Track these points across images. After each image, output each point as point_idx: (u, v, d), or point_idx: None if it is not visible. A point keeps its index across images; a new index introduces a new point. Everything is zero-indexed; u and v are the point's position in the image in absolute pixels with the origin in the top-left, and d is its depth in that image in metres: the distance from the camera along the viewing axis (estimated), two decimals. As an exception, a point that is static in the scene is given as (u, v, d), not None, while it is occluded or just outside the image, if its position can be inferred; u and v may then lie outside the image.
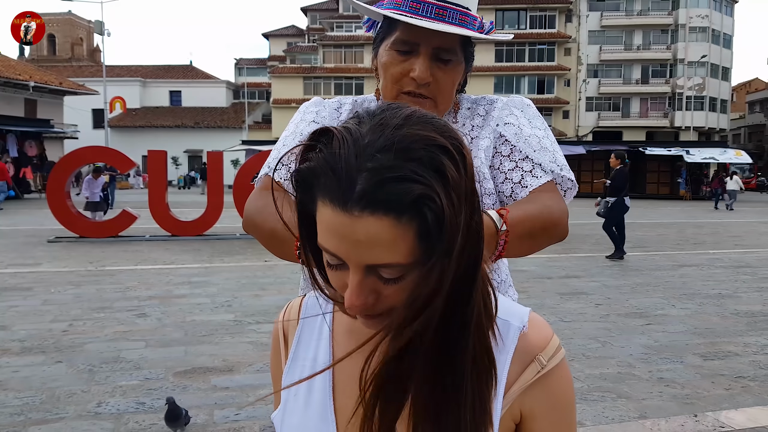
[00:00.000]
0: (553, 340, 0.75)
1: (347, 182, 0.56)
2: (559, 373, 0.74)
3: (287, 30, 56.60)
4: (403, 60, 1.09)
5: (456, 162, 0.58)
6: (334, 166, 0.57)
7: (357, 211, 0.56)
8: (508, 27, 45.25)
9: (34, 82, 28.20)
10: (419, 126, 0.59)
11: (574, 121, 45.53)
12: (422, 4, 1.06)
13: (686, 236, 12.28)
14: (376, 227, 0.56)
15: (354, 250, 0.59)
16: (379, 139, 0.57)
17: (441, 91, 1.11)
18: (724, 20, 46.27)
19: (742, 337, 4.74)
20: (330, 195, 0.58)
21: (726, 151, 29.69)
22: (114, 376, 3.67)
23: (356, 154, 0.57)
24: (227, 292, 6.12)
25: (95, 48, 61.64)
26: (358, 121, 0.61)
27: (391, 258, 0.58)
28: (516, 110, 1.19)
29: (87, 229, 10.43)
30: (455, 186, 0.57)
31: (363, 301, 0.61)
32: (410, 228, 0.57)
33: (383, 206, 0.56)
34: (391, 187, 0.55)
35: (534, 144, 1.14)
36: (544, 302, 5.85)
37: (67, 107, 34.86)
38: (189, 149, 48.20)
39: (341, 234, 0.58)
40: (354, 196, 0.56)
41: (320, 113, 1.24)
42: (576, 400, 2.95)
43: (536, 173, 1.11)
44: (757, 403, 3.39)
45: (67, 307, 5.45)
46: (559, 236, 1.08)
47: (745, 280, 7.28)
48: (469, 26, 1.10)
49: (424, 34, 1.07)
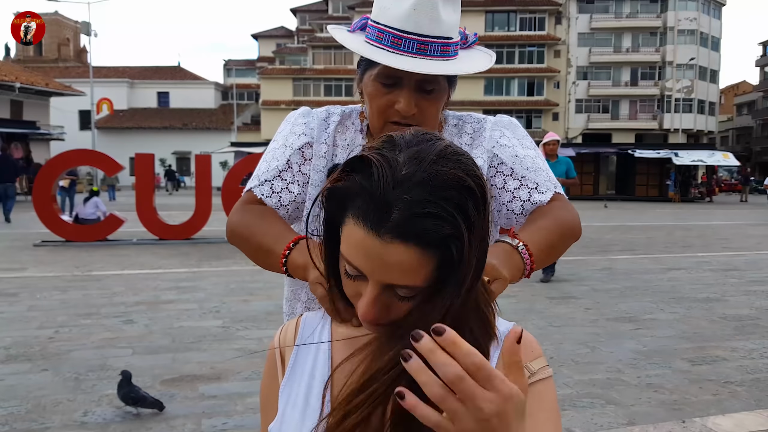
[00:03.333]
0: (541, 359, 0.79)
1: (384, 209, 0.62)
2: (546, 385, 0.77)
3: (276, 31, 56.52)
4: (387, 92, 1.12)
5: (478, 204, 0.64)
6: (373, 191, 0.62)
7: (389, 237, 0.62)
8: (497, 29, 45.48)
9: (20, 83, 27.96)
10: (452, 164, 0.64)
11: (563, 123, 45.77)
12: (404, 40, 1.07)
13: (675, 239, 12.36)
14: (403, 254, 0.62)
15: (378, 269, 0.64)
16: (417, 173, 0.62)
17: (426, 119, 1.14)
18: (712, 23, 46.74)
19: (730, 342, 4.77)
20: (364, 217, 0.63)
21: (714, 154, 29.94)
22: (100, 384, 3.63)
23: (394, 184, 0.62)
24: (215, 298, 6.08)
25: (82, 49, 61.19)
26: (393, 148, 0.65)
27: (410, 281, 0.64)
28: (506, 131, 1.23)
29: (73, 233, 10.33)
30: (476, 228, 0.64)
31: (375, 314, 0.67)
32: (433, 259, 0.63)
33: (414, 238, 0.61)
34: (424, 222, 0.61)
35: (529, 164, 1.19)
36: (534, 306, 5.86)
37: (54, 108, 34.58)
38: (177, 151, 47.96)
39: (370, 254, 0.64)
40: (389, 224, 0.61)
41: (309, 125, 1.24)
42: (565, 407, 2.92)
43: (541, 189, 1.17)
44: (744, 409, 3.40)
45: (54, 313, 5.39)
46: (576, 238, 1.17)
47: (733, 283, 7.33)
48: (451, 55, 1.11)
49: None
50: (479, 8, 45.48)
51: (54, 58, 58.46)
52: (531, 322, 5.22)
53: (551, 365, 4.13)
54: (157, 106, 52.10)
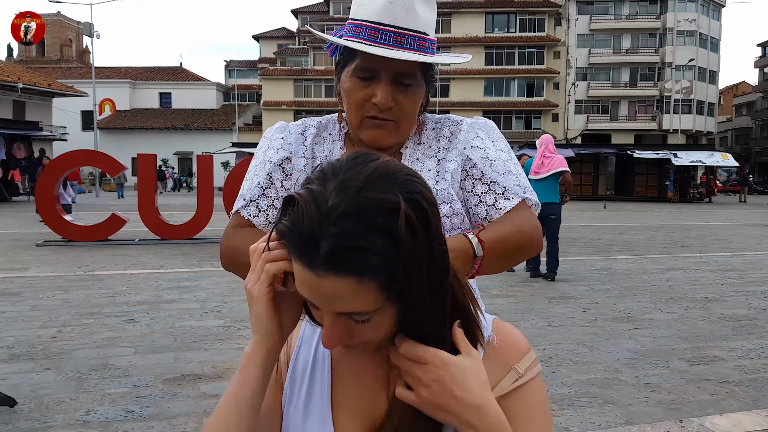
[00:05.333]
0: (530, 353, 0.81)
1: (312, 245, 0.63)
2: (535, 384, 0.80)
3: (278, 32, 56.52)
4: (364, 86, 1.12)
5: (414, 226, 0.64)
6: (301, 228, 0.64)
7: (322, 271, 0.63)
8: (497, 30, 45.52)
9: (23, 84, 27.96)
10: (380, 187, 0.65)
11: (563, 123, 45.81)
12: (380, 32, 1.09)
13: (674, 239, 12.39)
14: (339, 285, 0.64)
15: (323, 300, 0.67)
16: (341, 204, 0.63)
17: (403, 114, 1.14)
18: (711, 24, 46.76)
19: (728, 342, 4.80)
20: (299, 253, 0.65)
21: (713, 154, 29.96)
22: (103, 383, 3.66)
23: (320, 219, 0.63)
24: (217, 297, 6.12)
25: (84, 49, 61.27)
26: (322, 181, 0.66)
27: (357, 308, 0.66)
28: (481, 133, 1.22)
29: (76, 233, 10.36)
30: (411, 248, 0.64)
31: (336, 341, 0.70)
32: (371, 285, 0.64)
33: (345, 269, 0.63)
34: (351, 255, 0.62)
35: (500, 168, 1.18)
36: (533, 306, 5.89)
37: (56, 109, 34.58)
38: (179, 151, 48.01)
39: (312, 288, 0.66)
40: (318, 259, 0.63)
41: (287, 139, 1.24)
42: (563, 406, 2.95)
43: (508, 195, 1.15)
44: (742, 408, 3.43)
45: (56, 312, 5.42)
46: (534, 251, 1.16)
47: (731, 283, 7.36)
48: (427, 50, 1.12)
49: (384, 60, 1.09)
50: (479, 9, 45.52)
51: (56, 59, 58.53)
52: (530, 322, 5.25)
53: (550, 365, 4.15)
54: (159, 107, 52.12)
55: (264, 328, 0.74)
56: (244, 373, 0.74)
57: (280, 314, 0.75)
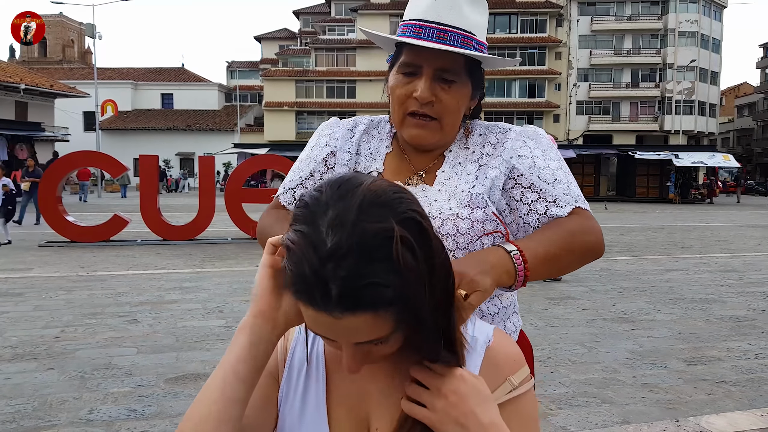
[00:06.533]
0: (524, 368, 0.84)
1: (322, 290, 0.63)
2: (528, 398, 0.83)
3: (279, 33, 56.56)
4: (407, 82, 1.13)
5: (413, 248, 0.66)
6: (304, 277, 0.64)
7: (338, 313, 0.64)
8: (499, 31, 45.49)
9: (25, 85, 28.06)
10: (373, 215, 0.65)
11: (564, 124, 45.79)
12: (424, 28, 1.10)
13: (674, 240, 12.41)
14: (357, 322, 0.66)
15: (342, 336, 0.69)
16: (342, 242, 0.63)
17: (446, 111, 1.13)
18: (713, 25, 46.71)
19: (726, 342, 4.83)
20: (308, 300, 0.66)
21: (714, 155, 29.97)
22: (106, 382, 3.70)
23: (321, 261, 0.63)
24: (218, 298, 6.16)
25: (87, 50, 61.37)
26: (313, 220, 0.66)
27: (375, 336, 0.69)
28: (530, 141, 1.20)
29: (78, 234, 10.42)
30: (414, 273, 0.66)
31: (359, 366, 0.73)
32: (387, 315, 0.66)
33: (360, 308, 0.64)
34: (364, 292, 0.63)
35: (548, 177, 1.15)
36: (532, 307, 5.92)
37: (58, 110, 34.71)
38: (181, 152, 48.07)
39: (328, 327, 0.68)
40: (332, 302, 0.64)
41: (334, 135, 1.27)
42: (561, 406, 2.98)
43: (560, 203, 1.13)
44: (738, 408, 3.47)
45: (59, 312, 5.47)
46: (591, 253, 1.13)
47: (730, 284, 7.39)
48: (472, 49, 1.11)
49: (426, 55, 1.10)
50: (481, 10, 45.50)
51: (59, 60, 58.62)
52: (529, 323, 5.28)
53: (548, 365, 4.19)
54: (161, 108, 52.21)
55: (255, 290, 0.76)
56: (233, 340, 0.76)
57: (284, 300, 0.75)
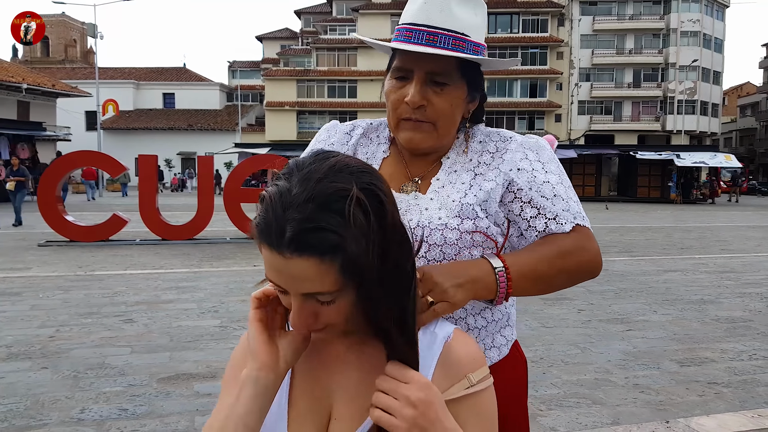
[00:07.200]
0: (484, 367, 0.86)
1: (278, 231, 0.71)
2: (486, 394, 0.85)
3: (281, 33, 56.62)
4: (400, 86, 1.12)
5: (367, 211, 0.72)
6: (267, 219, 0.72)
7: (288, 253, 0.71)
8: (500, 31, 45.50)
9: (27, 84, 28.11)
10: (339, 177, 0.73)
11: (566, 124, 45.76)
12: (414, 32, 1.08)
13: (673, 241, 12.40)
14: (303, 265, 0.71)
15: (290, 282, 0.74)
16: (303, 192, 0.71)
17: (439, 114, 1.11)
18: (715, 25, 46.64)
19: (720, 344, 4.82)
20: (267, 240, 0.72)
21: (716, 155, 29.91)
22: (98, 382, 3.72)
23: (285, 207, 0.71)
24: (214, 297, 6.17)
25: (89, 50, 61.46)
26: (289, 176, 0.74)
27: (321, 288, 0.73)
28: (530, 153, 1.16)
29: (77, 234, 10.44)
30: (363, 231, 0.72)
31: (304, 321, 0.77)
32: (333, 265, 0.71)
33: (307, 250, 0.70)
34: (312, 236, 0.70)
35: (548, 192, 1.11)
36: (528, 308, 5.92)
37: (60, 109, 34.75)
38: (182, 152, 48.16)
39: (279, 270, 0.73)
40: (284, 242, 0.70)
41: (330, 138, 1.27)
42: (551, 407, 2.98)
43: (560, 221, 1.10)
44: (728, 409, 3.46)
45: (55, 312, 5.49)
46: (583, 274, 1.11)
47: (728, 285, 7.38)
48: (465, 51, 1.09)
49: (416, 59, 1.08)
50: (483, 10, 45.46)
51: (61, 59, 58.76)
52: (524, 323, 5.28)
53: (540, 366, 4.19)
54: (162, 107, 52.31)
55: (252, 346, 0.81)
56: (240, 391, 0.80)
57: (280, 345, 0.82)
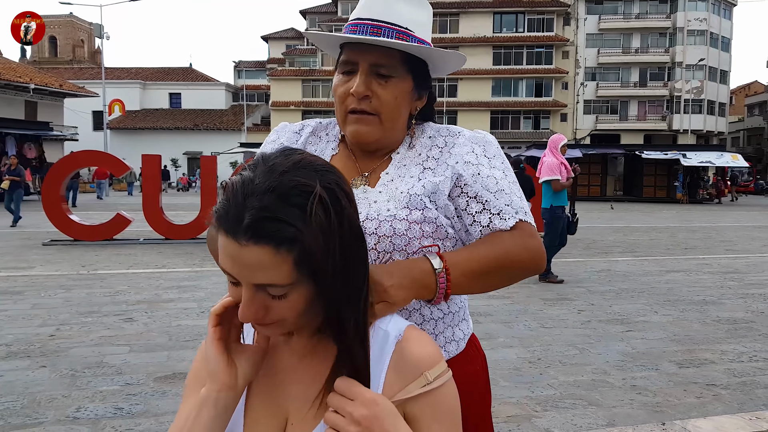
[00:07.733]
0: (441, 363, 0.85)
1: (236, 217, 0.71)
2: (445, 390, 0.84)
3: (286, 33, 56.65)
4: (346, 80, 1.14)
5: (328, 209, 0.73)
6: (228, 206, 0.72)
7: (244, 240, 0.71)
8: (505, 30, 45.42)
9: (35, 85, 28.28)
10: (303, 173, 0.74)
11: (571, 124, 45.60)
12: (359, 26, 1.11)
13: (678, 241, 12.33)
14: (258, 254, 0.71)
15: (243, 271, 0.73)
16: (266, 183, 0.72)
17: (383, 106, 1.12)
18: (722, 23, 46.37)
19: (720, 345, 4.79)
20: (225, 227, 0.72)
21: (723, 155, 29.72)
22: (95, 381, 3.73)
23: (246, 195, 0.71)
24: (215, 297, 6.18)
25: (96, 50, 61.73)
26: (255, 167, 0.75)
27: (274, 279, 0.73)
28: (477, 148, 1.17)
29: (81, 233, 10.50)
30: (322, 228, 0.72)
31: (253, 314, 0.75)
32: (288, 257, 0.71)
33: (263, 238, 0.70)
34: (269, 225, 0.70)
35: (491, 186, 1.13)
36: (528, 308, 5.91)
37: (67, 109, 34.94)
38: (188, 151, 48.31)
39: (233, 257, 0.73)
40: (241, 228, 0.70)
41: (279, 139, 1.28)
42: (547, 408, 2.97)
43: (504, 216, 1.11)
44: (726, 412, 3.44)
45: (56, 311, 5.51)
46: (523, 272, 1.11)
47: (731, 286, 7.33)
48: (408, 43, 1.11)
49: (361, 52, 1.11)
50: (487, 9, 45.41)
51: (68, 60, 59.03)
52: (523, 323, 5.27)
53: (538, 366, 4.17)
54: (168, 107, 52.49)
55: (211, 367, 0.81)
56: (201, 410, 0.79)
57: (238, 362, 0.82)
